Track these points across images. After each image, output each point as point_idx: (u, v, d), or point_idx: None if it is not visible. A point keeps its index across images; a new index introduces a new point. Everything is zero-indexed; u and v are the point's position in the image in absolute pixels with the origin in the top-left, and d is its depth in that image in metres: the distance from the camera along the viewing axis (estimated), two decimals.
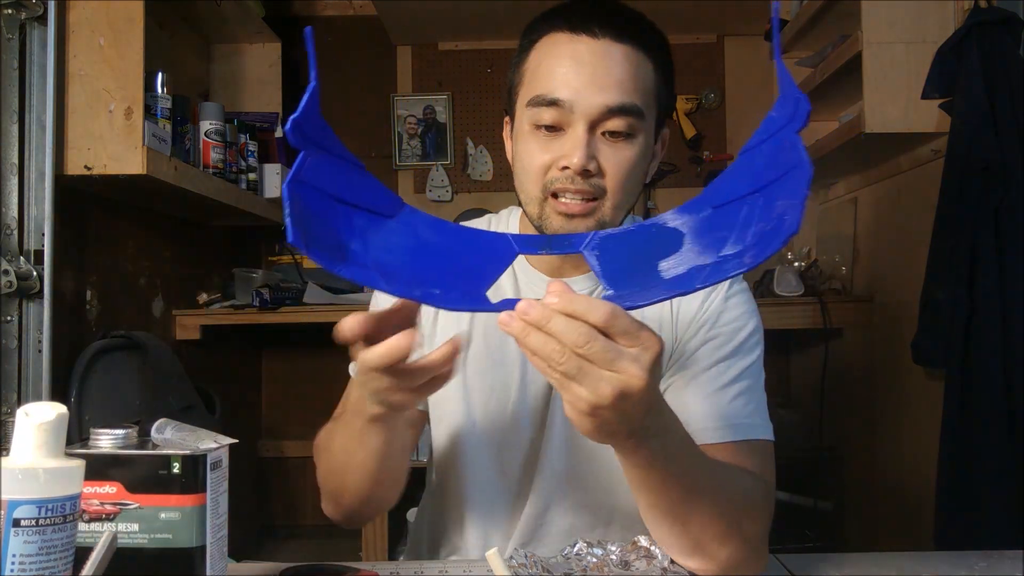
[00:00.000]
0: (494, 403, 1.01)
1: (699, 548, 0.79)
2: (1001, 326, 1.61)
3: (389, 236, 0.71)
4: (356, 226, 0.68)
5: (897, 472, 2.16)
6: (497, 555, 0.69)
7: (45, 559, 0.57)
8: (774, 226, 0.60)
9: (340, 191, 0.68)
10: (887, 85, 1.93)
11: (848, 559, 0.95)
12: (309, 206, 0.65)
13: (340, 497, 0.95)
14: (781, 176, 0.62)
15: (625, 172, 0.91)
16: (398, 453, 0.90)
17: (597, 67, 0.90)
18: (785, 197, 0.61)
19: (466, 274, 0.72)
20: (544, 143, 0.92)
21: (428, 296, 0.67)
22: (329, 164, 0.68)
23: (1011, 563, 0.91)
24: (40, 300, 1.56)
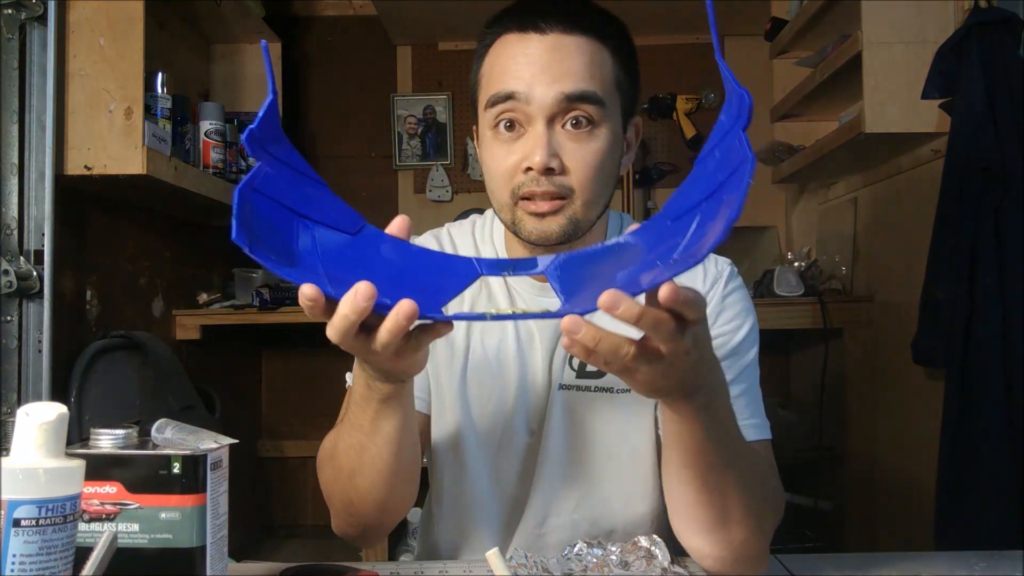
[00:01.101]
0: (491, 407, 1.00)
1: (719, 523, 0.79)
2: (1001, 326, 1.62)
3: (345, 250, 0.69)
4: (311, 237, 0.68)
5: (897, 472, 2.16)
6: (497, 555, 0.69)
7: (45, 559, 0.57)
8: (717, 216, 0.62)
9: (296, 204, 0.68)
10: (887, 85, 1.93)
11: (848, 559, 0.95)
12: (261, 213, 0.64)
13: (352, 506, 0.89)
14: (729, 176, 0.63)
15: (592, 167, 0.90)
16: (410, 443, 0.85)
17: (549, 60, 0.89)
18: (730, 192, 0.62)
19: (423, 290, 0.70)
20: (506, 146, 0.91)
21: (379, 306, 0.64)
22: (287, 177, 0.68)
23: (1011, 563, 0.91)
24: (40, 300, 1.56)
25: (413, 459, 0.88)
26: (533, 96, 0.88)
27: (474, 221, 1.10)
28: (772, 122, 2.85)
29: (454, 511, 1.04)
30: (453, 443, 1.02)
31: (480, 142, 0.97)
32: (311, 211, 0.69)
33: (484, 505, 1.02)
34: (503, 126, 0.91)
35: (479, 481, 1.02)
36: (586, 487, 1.00)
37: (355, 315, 0.61)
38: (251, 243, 0.61)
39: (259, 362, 2.96)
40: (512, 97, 0.89)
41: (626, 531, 0.99)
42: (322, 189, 0.71)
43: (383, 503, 0.87)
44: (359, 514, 0.89)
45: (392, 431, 0.80)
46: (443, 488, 1.05)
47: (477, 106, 0.97)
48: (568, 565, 0.81)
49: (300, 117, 2.95)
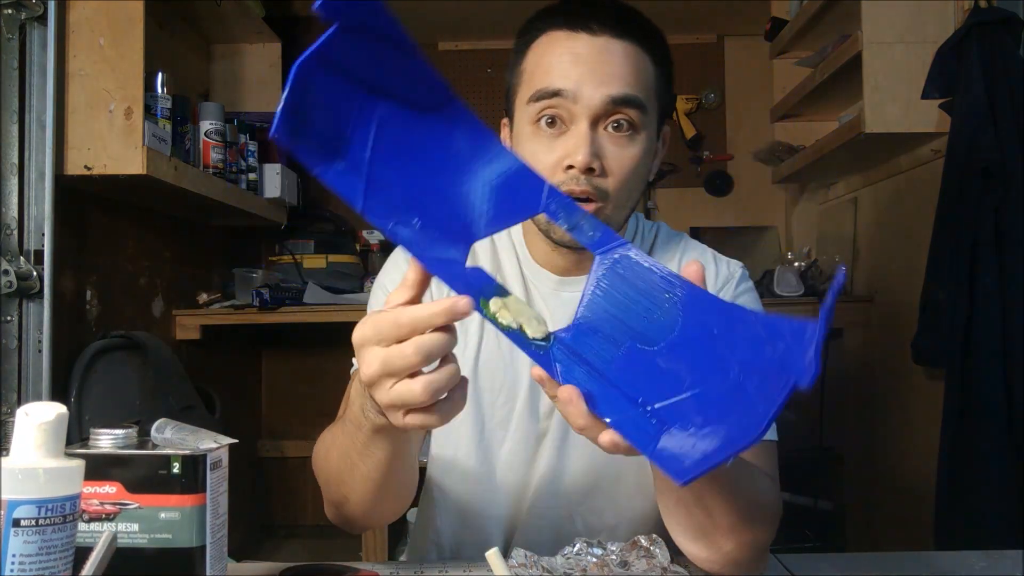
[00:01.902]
0: (502, 398, 1.00)
1: (702, 533, 0.79)
2: (1001, 326, 1.62)
3: (410, 135, 0.62)
4: (374, 117, 0.60)
5: (897, 472, 2.16)
6: (497, 555, 0.69)
7: (45, 559, 0.57)
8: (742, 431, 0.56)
9: (370, 75, 0.59)
10: (887, 85, 1.93)
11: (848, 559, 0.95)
12: (320, 89, 0.57)
13: (342, 506, 0.89)
14: (763, 379, 0.58)
15: (629, 171, 0.91)
16: (406, 464, 0.83)
17: (597, 62, 0.89)
18: (762, 400, 0.56)
19: (464, 214, 0.64)
20: (547, 143, 0.91)
21: (400, 229, 0.60)
22: (367, 40, 0.57)
23: (1011, 563, 0.91)
24: (40, 300, 1.56)
25: (406, 479, 0.87)
26: (580, 95, 0.89)
27: None
28: (772, 122, 2.86)
29: (456, 501, 1.04)
30: (459, 434, 1.02)
31: (516, 137, 0.96)
32: (387, 81, 0.60)
33: (487, 495, 1.02)
34: (545, 122, 0.91)
35: (484, 472, 1.01)
36: (591, 481, 1.00)
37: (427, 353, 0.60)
38: (293, 134, 0.56)
39: (259, 362, 2.96)
40: (559, 94, 0.89)
41: (630, 526, 1.00)
42: (406, 52, 0.59)
43: (371, 513, 0.88)
44: (347, 513, 0.90)
45: (384, 458, 0.78)
46: (446, 478, 1.04)
47: (512, 99, 0.97)
48: (568, 565, 0.81)
49: None
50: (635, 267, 0.65)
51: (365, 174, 0.60)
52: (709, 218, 2.90)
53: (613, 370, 0.63)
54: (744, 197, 2.94)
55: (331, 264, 2.57)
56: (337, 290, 2.50)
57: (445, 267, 0.63)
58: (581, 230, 0.66)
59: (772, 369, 0.57)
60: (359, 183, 0.59)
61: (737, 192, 2.94)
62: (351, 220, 2.91)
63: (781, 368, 0.57)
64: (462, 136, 0.63)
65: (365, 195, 0.60)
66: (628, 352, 0.63)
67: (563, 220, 0.66)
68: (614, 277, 0.65)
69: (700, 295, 0.62)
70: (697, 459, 0.57)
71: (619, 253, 0.65)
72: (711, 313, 0.62)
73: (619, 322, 0.64)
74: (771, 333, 0.59)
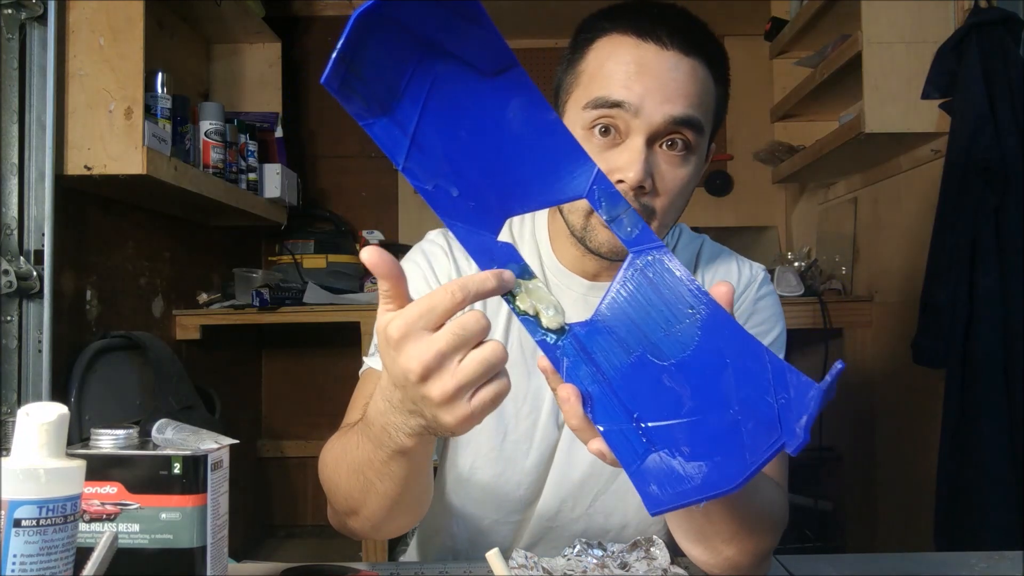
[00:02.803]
0: (527, 407, 0.98)
1: (705, 539, 0.79)
2: (1001, 326, 1.62)
3: (463, 98, 0.59)
4: (429, 76, 0.58)
5: (897, 472, 2.16)
6: (498, 555, 0.69)
7: (46, 559, 0.57)
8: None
9: (429, 31, 0.57)
10: (887, 85, 1.93)
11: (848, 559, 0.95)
12: (374, 43, 0.55)
13: (350, 518, 0.86)
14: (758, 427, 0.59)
15: (678, 192, 0.89)
16: (423, 480, 0.80)
17: (664, 77, 0.85)
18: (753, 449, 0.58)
19: (505, 187, 0.62)
20: (597, 152, 0.87)
21: (437, 193, 0.59)
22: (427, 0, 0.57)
23: (1011, 563, 0.91)
24: (40, 300, 1.56)
25: (423, 496, 0.83)
26: (642, 110, 0.85)
27: (510, 221, 1.09)
28: (772, 122, 2.85)
29: (475, 509, 1.03)
30: (479, 442, 1.00)
31: None
32: (448, 42, 0.58)
33: (506, 503, 1.01)
34: (599, 130, 0.87)
35: (505, 481, 1.00)
36: (603, 483, 1.00)
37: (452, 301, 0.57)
38: (345, 82, 0.55)
39: (259, 362, 2.95)
40: (619, 106, 0.85)
41: (638, 529, 0.99)
42: (473, 16, 0.58)
43: (381, 527, 0.85)
44: (355, 527, 0.87)
45: (403, 476, 0.74)
46: (464, 487, 1.03)
47: (564, 98, 0.93)
48: (568, 565, 0.81)
49: (300, 117, 2.95)
50: (665, 274, 0.62)
51: (411, 133, 0.59)
52: (709, 218, 2.90)
53: (619, 377, 0.62)
54: (744, 197, 2.94)
55: (331, 264, 2.57)
56: (337, 290, 2.50)
57: (475, 239, 0.62)
58: (620, 224, 0.64)
59: (767, 420, 0.57)
60: (404, 141, 0.58)
61: (737, 192, 2.94)
62: (351, 220, 2.91)
63: (775, 422, 0.57)
64: (518, 105, 0.61)
65: (408, 154, 0.59)
66: (637, 362, 0.62)
67: (604, 209, 0.64)
68: (642, 280, 0.63)
69: (722, 319, 0.61)
70: (673, 494, 0.58)
71: (653, 256, 0.63)
72: (729, 341, 0.60)
73: (636, 328, 0.63)
74: (778, 383, 0.58)
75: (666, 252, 0.63)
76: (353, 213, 2.93)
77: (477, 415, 0.60)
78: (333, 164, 2.98)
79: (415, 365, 0.58)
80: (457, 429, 0.61)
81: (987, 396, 1.61)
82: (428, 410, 0.60)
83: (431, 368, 0.57)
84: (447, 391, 0.58)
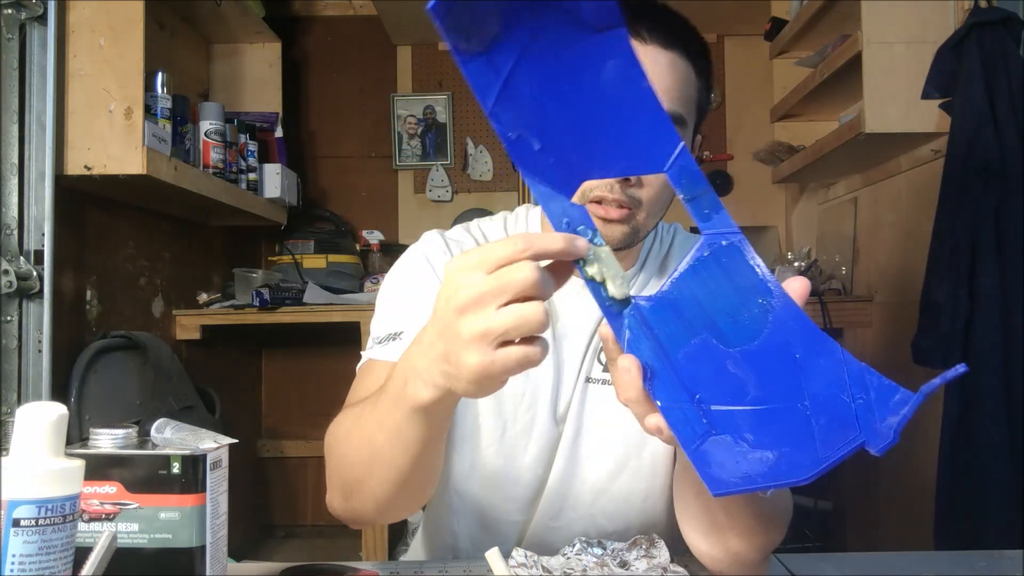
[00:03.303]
0: (525, 404, 0.99)
1: (716, 530, 0.79)
2: (1001, 326, 1.62)
3: (564, 50, 0.58)
4: (533, 22, 0.57)
5: (897, 472, 2.16)
6: (497, 554, 0.69)
7: (45, 559, 0.57)
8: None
9: None
10: (887, 85, 1.93)
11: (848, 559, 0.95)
12: None
13: (353, 495, 0.84)
14: (832, 426, 0.58)
15: (664, 184, 0.90)
16: (434, 453, 0.78)
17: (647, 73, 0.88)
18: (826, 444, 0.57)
19: (587, 149, 0.60)
20: None
21: (519, 144, 0.58)
22: None
23: (1011, 563, 0.91)
24: (40, 300, 1.56)
25: (430, 473, 0.82)
26: None
27: (505, 217, 1.09)
28: (772, 122, 2.85)
29: (475, 506, 1.03)
30: (479, 438, 1.01)
31: None
32: None
33: (507, 501, 1.01)
34: None
35: (504, 477, 1.01)
36: (605, 482, 1.00)
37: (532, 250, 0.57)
38: (450, 11, 0.54)
39: (259, 362, 2.96)
40: None
41: (641, 529, 0.99)
42: None
43: (384, 505, 0.82)
44: (356, 505, 0.85)
45: (417, 440, 0.72)
46: (464, 483, 1.03)
47: None
48: (568, 564, 0.81)
49: (300, 117, 2.95)
50: (739, 261, 0.60)
51: (505, 76, 0.57)
52: None
53: (681, 356, 0.60)
54: (744, 197, 2.94)
55: (331, 264, 2.57)
56: (337, 290, 2.50)
57: (549, 197, 0.61)
58: (698, 204, 0.61)
59: (843, 418, 0.56)
60: (496, 84, 0.57)
61: (737, 192, 2.94)
62: (351, 220, 2.91)
63: (853, 421, 0.56)
64: (614, 68, 0.59)
65: (498, 99, 0.58)
66: (701, 344, 0.60)
67: (684, 188, 0.61)
68: (714, 264, 0.61)
69: (795, 312, 0.59)
70: (739, 477, 0.57)
71: (728, 241, 0.61)
72: (800, 335, 0.59)
73: (702, 311, 0.61)
74: (855, 382, 0.57)
75: (743, 240, 0.61)
76: (353, 213, 2.94)
77: (497, 370, 0.59)
78: (333, 164, 2.98)
79: (457, 296, 0.59)
80: (476, 379, 0.60)
81: (987, 396, 1.61)
82: (455, 346, 0.60)
83: (468, 304, 0.58)
84: (475, 331, 0.58)
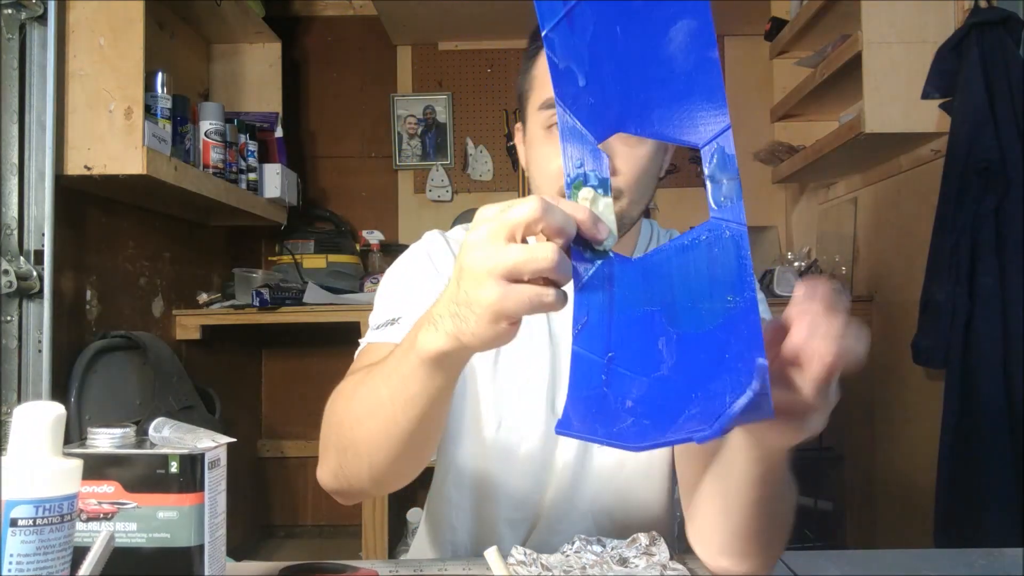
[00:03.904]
0: (524, 403, 0.99)
1: (745, 544, 0.79)
2: (1001, 326, 1.62)
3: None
4: None
5: (897, 472, 2.15)
6: (497, 554, 0.69)
7: (43, 559, 0.57)
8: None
9: None
10: (887, 85, 1.93)
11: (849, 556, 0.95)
12: None
13: (348, 458, 0.81)
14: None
15: (641, 169, 0.92)
16: (436, 413, 0.75)
17: None
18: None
19: (631, 101, 0.58)
20: (558, 147, 0.91)
21: (568, 74, 0.57)
22: None
23: (1011, 562, 0.91)
24: (40, 300, 1.56)
25: (429, 436, 0.79)
26: None
27: None
28: (772, 122, 2.85)
29: (473, 500, 1.03)
30: (476, 431, 1.01)
31: (529, 141, 0.98)
32: None
33: (504, 496, 1.01)
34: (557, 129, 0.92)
35: (501, 471, 1.01)
36: (605, 483, 1.00)
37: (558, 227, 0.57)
38: None
39: (259, 362, 2.96)
40: None
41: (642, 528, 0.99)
42: None
43: (379, 472, 0.80)
44: (350, 470, 0.83)
45: (421, 394, 0.70)
46: (461, 477, 1.04)
47: (525, 104, 0.98)
48: (567, 562, 0.81)
49: (300, 117, 2.95)
50: (729, 254, 0.58)
51: (571, 6, 0.57)
52: None
53: (622, 318, 0.59)
54: (744, 197, 2.92)
55: (331, 264, 2.57)
56: (337, 290, 2.50)
57: (574, 134, 0.59)
58: (718, 187, 0.60)
59: (711, 413, 0.53)
60: (560, 9, 0.57)
61: None
62: (351, 220, 2.91)
63: (714, 418, 0.53)
64: (685, 28, 0.56)
65: (557, 25, 0.57)
66: (647, 315, 0.59)
67: (713, 167, 0.60)
68: (704, 250, 0.59)
69: (751, 318, 0.55)
70: (582, 427, 0.57)
71: (729, 233, 0.59)
72: (739, 340, 0.55)
73: (668, 287, 0.59)
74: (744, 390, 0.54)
75: (744, 235, 0.58)
76: (353, 213, 2.94)
77: (510, 306, 0.58)
78: (333, 164, 2.98)
79: (472, 235, 0.59)
80: (488, 317, 0.59)
81: (987, 396, 1.61)
82: (468, 284, 0.60)
83: (480, 241, 0.59)
84: (486, 264, 0.58)
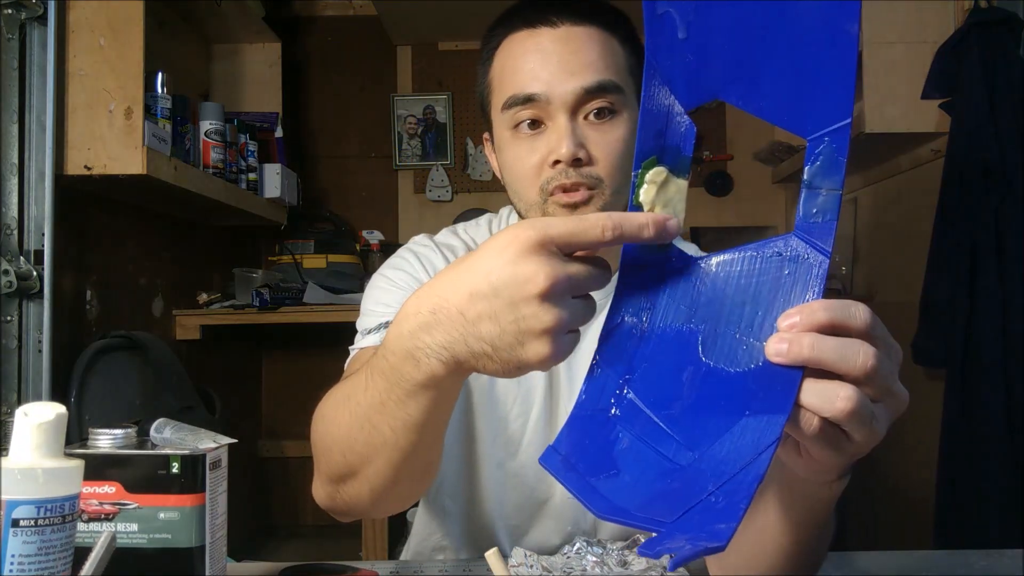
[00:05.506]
0: (516, 412, 0.98)
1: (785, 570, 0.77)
2: (1001, 326, 1.62)
3: None
4: None
5: (897, 472, 2.16)
6: (497, 555, 0.69)
7: (44, 559, 0.57)
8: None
9: None
10: (887, 85, 1.93)
11: (848, 558, 0.95)
12: None
13: (345, 483, 0.75)
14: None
15: (618, 154, 0.89)
16: (437, 432, 0.70)
17: (563, 53, 0.88)
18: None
19: (737, 70, 0.53)
20: (529, 144, 0.90)
21: (668, 20, 0.52)
22: None
23: (1011, 563, 0.91)
24: (40, 300, 1.56)
25: (432, 456, 0.74)
26: (553, 95, 0.88)
27: (490, 220, 1.08)
28: None
29: (468, 510, 1.03)
30: (472, 439, 1.00)
31: (498, 144, 0.96)
32: None
33: (498, 506, 1.01)
34: (527, 126, 0.90)
35: (496, 481, 1.00)
36: None
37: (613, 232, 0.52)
38: None
39: (259, 362, 2.96)
40: (532, 99, 0.88)
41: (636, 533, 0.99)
42: None
43: (382, 493, 0.74)
44: (349, 496, 0.77)
45: (418, 418, 0.64)
46: (458, 487, 1.02)
47: (488, 110, 0.96)
48: (568, 564, 0.81)
49: (300, 117, 2.95)
50: (799, 284, 0.51)
51: None
52: (709, 218, 2.90)
53: (655, 333, 0.53)
54: (744, 197, 2.94)
55: (331, 264, 2.57)
56: (337, 290, 2.49)
57: (658, 95, 0.55)
58: (814, 196, 0.53)
59: (716, 511, 0.47)
60: None
61: (737, 192, 2.94)
62: (351, 220, 2.91)
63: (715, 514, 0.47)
64: (821, 14, 0.50)
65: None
66: (684, 335, 0.52)
67: (816, 169, 0.53)
68: (774, 268, 0.52)
69: (791, 376, 0.49)
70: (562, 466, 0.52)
71: (811, 256, 0.52)
72: (771, 396, 0.49)
73: (719, 307, 0.52)
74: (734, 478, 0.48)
75: (825, 269, 0.52)
76: (353, 213, 2.94)
77: (555, 360, 0.53)
78: (333, 164, 2.98)
79: (536, 280, 0.52)
80: (530, 367, 0.54)
81: (987, 396, 1.61)
82: (519, 334, 0.53)
83: (548, 292, 0.52)
84: (550, 321, 0.52)
